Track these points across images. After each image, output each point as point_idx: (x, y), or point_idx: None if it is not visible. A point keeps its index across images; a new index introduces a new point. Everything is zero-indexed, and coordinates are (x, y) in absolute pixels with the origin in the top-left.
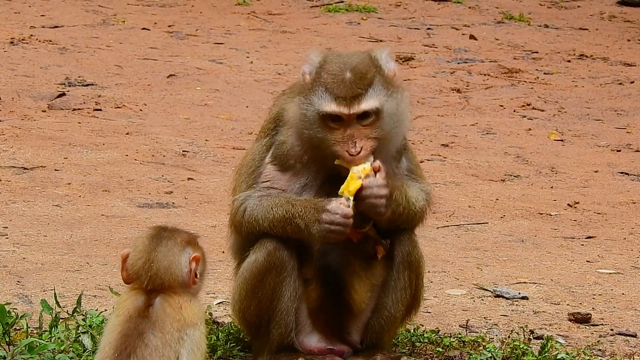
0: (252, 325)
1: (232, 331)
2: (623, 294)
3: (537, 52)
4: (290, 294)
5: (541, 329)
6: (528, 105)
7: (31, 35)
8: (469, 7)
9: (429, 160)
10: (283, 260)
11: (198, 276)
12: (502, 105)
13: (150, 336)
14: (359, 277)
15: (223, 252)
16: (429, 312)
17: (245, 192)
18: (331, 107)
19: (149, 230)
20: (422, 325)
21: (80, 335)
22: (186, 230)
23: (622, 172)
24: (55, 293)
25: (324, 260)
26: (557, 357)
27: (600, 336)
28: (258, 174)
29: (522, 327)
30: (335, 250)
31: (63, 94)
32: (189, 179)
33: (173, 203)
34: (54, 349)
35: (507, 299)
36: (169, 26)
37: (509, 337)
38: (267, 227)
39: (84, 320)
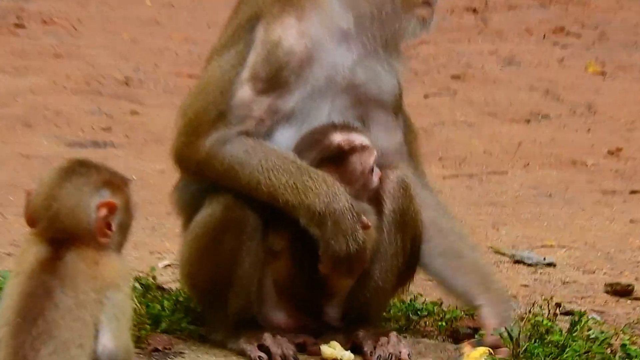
0: (205, 293)
1: (180, 299)
2: None
3: None
4: (252, 260)
5: (571, 302)
6: (561, 30)
7: None
8: None
9: (436, 95)
10: (244, 219)
11: (113, 228)
12: (528, 30)
13: (60, 295)
14: (369, 222)
15: (175, 204)
16: (431, 281)
17: (217, 127)
18: None
19: (63, 163)
20: (421, 295)
21: None
22: (114, 171)
23: None
24: None
25: (297, 229)
26: (591, 337)
27: None
28: (231, 97)
29: (546, 300)
30: None
31: None
32: (132, 112)
33: (112, 142)
34: None
35: (529, 265)
36: None
37: (530, 311)
38: (248, 187)
39: None
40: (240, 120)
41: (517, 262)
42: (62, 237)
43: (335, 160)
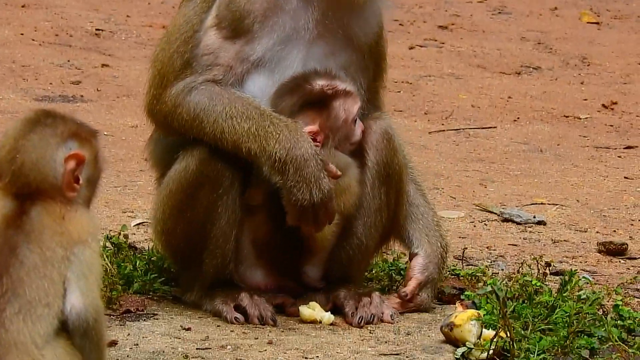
0: (179, 252)
1: (153, 259)
2: None
3: None
4: (229, 216)
5: (562, 262)
6: None
7: None
8: None
9: (421, 46)
10: (220, 173)
11: (81, 181)
12: None
13: (25, 251)
14: (337, 171)
15: (146, 159)
16: None
17: (183, 76)
18: None
19: (28, 114)
20: (405, 255)
21: None
22: (81, 122)
23: None
24: None
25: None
26: (581, 297)
27: (638, 272)
28: (196, 45)
29: (536, 259)
30: None
31: None
32: (103, 65)
33: (82, 96)
34: None
35: (518, 224)
36: None
37: (518, 271)
38: (213, 136)
39: None
40: (206, 68)
41: (506, 220)
42: (27, 191)
43: (318, 105)
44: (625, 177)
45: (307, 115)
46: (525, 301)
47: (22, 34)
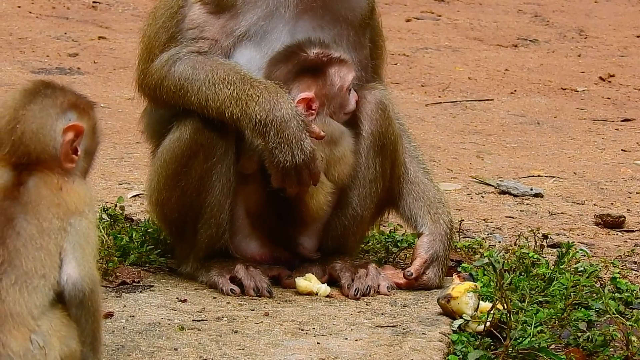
0: (174, 223)
1: (149, 231)
2: None
3: None
4: (223, 185)
5: (559, 234)
6: None
7: None
8: None
9: (417, 18)
10: (214, 142)
11: (79, 152)
12: None
13: (22, 222)
14: (320, 131)
15: (142, 132)
16: None
17: (168, 49)
18: None
19: (27, 84)
20: (401, 227)
21: None
22: (79, 93)
23: None
24: None
25: None
26: (579, 270)
27: (635, 245)
28: (181, 20)
29: (533, 231)
30: None
31: None
32: (100, 37)
33: (78, 68)
34: None
35: (515, 196)
36: None
37: (515, 243)
38: (199, 105)
39: None
40: (191, 41)
41: (503, 192)
42: (27, 161)
43: (313, 72)
44: (622, 150)
45: (303, 82)
46: (523, 273)
47: (19, 7)
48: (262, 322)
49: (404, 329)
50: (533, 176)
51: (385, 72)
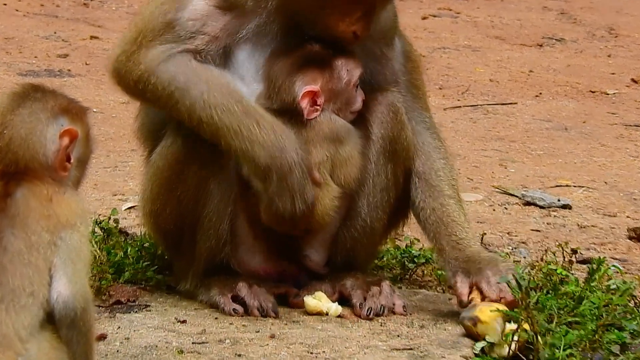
0: (170, 235)
1: (146, 245)
2: None
3: None
4: (223, 193)
5: (589, 249)
6: None
7: None
8: None
9: (435, 16)
10: (211, 146)
11: (72, 160)
12: None
13: (9, 236)
14: (322, 179)
15: (136, 133)
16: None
17: (161, 39)
18: None
19: (16, 88)
20: (419, 241)
21: None
22: (71, 97)
23: None
24: None
25: None
26: (611, 288)
27: None
28: (182, 6)
29: (561, 246)
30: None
31: None
32: (92, 37)
33: (69, 70)
34: None
35: (541, 207)
36: None
37: (542, 259)
38: (190, 122)
39: None
40: (189, 35)
41: (528, 203)
42: (15, 169)
43: (319, 64)
44: None
45: (308, 75)
46: (550, 292)
47: (4, 4)
48: (267, 344)
49: (422, 352)
50: (561, 186)
51: (423, 87)
